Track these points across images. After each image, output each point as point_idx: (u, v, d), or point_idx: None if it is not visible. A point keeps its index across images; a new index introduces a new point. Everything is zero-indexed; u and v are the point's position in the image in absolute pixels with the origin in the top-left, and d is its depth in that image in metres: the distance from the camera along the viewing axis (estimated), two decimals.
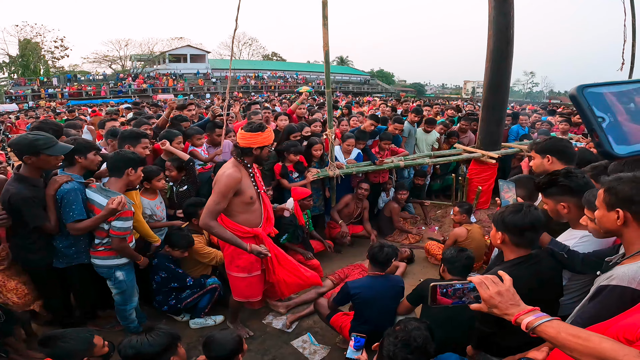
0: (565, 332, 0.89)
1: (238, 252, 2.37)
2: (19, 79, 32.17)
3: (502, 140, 5.06)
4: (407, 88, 54.11)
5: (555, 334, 0.90)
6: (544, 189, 1.83)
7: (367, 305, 2.37)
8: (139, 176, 2.48)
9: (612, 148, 0.39)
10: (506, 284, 1.04)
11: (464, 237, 3.74)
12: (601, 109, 0.42)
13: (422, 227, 4.92)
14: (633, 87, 0.45)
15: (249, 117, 4.73)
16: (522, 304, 1.01)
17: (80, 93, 28.29)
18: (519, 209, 1.60)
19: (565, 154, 2.22)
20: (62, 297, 2.65)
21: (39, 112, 15.62)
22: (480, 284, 1.05)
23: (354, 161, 4.41)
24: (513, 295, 1.02)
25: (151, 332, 1.65)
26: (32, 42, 35.26)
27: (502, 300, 1.01)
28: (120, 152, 2.52)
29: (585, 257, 1.65)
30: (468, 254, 2.35)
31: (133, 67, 38.04)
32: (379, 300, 2.38)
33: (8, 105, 21.41)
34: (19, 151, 2.15)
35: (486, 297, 1.03)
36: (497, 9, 4.46)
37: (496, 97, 4.76)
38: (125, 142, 2.89)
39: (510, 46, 4.57)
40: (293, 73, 40.35)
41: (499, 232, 1.66)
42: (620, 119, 0.42)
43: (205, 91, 31.01)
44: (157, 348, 1.59)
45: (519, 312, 0.98)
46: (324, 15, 3.51)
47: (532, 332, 0.95)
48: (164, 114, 4.16)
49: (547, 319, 0.94)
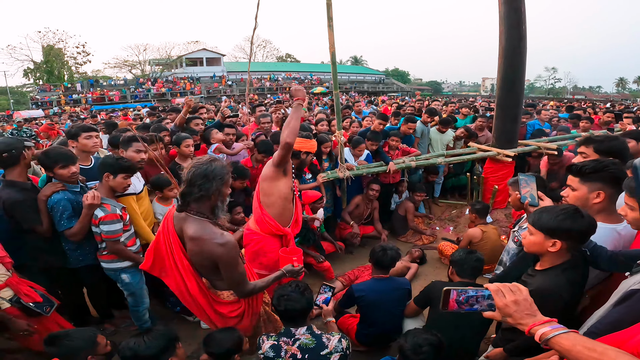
0: (582, 344, 0.85)
1: (265, 251, 2.39)
2: (44, 85, 33.59)
3: (518, 137, 4.91)
4: (423, 86, 53.40)
5: (570, 347, 0.86)
6: (585, 174, 1.74)
7: (372, 308, 2.36)
8: (121, 183, 2.39)
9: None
10: (523, 293, 1.01)
11: (479, 238, 3.65)
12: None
13: (436, 228, 4.82)
14: None
15: (257, 120, 4.75)
16: (538, 315, 0.97)
17: (102, 98, 29.28)
18: (571, 214, 1.46)
19: (623, 156, 2.06)
20: (78, 297, 2.74)
21: (64, 117, 16.22)
22: (497, 292, 1.01)
23: (364, 162, 4.37)
24: (530, 305, 0.99)
25: (149, 333, 1.68)
26: (55, 48, 36.74)
27: (517, 310, 0.97)
28: (104, 157, 2.51)
29: (613, 255, 1.57)
30: (477, 256, 2.28)
31: (152, 72, 39.11)
32: (384, 302, 2.36)
33: (34, 111, 22.43)
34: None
35: (501, 305, 0.99)
36: (508, 4, 4.33)
37: (510, 94, 4.62)
38: (119, 147, 2.89)
39: (523, 42, 4.42)
40: (307, 74, 40.54)
41: (552, 239, 1.48)
42: None
43: (221, 94, 31.50)
44: (154, 350, 1.62)
45: (534, 322, 0.95)
46: (329, 16, 3.48)
47: (545, 344, 0.91)
48: (181, 112, 4.25)
49: (564, 331, 0.90)
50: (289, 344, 1.77)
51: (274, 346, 1.76)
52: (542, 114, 6.29)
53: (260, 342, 1.82)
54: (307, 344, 1.76)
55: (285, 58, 54.79)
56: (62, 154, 2.28)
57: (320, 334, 1.82)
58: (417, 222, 4.74)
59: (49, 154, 2.26)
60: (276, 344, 1.76)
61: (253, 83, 34.17)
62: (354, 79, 42.72)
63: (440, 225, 4.92)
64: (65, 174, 2.27)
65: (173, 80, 34.20)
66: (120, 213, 2.37)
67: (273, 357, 1.74)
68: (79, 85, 32.35)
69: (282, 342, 1.78)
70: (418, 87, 49.69)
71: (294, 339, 1.78)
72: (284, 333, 1.83)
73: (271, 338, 1.81)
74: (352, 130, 5.10)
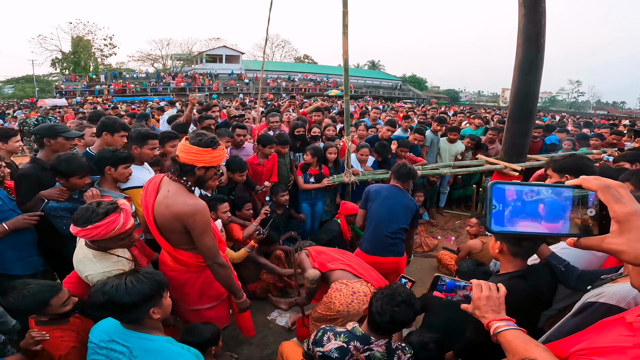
0: (520, 339, 0.92)
1: (208, 283, 2.09)
2: (70, 74, 34.70)
3: (527, 152, 4.89)
4: (440, 94, 52.85)
5: (511, 339, 0.93)
6: None
7: (379, 205, 2.76)
8: (123, 173, 2.39)
9: (490, 225, 0.51)
10: (500, 293, 1.09)
11: (479, 250, 3.66)
12: (497, 200, 0.54)
13: (437, 237, 4.84)
14: (527, 189, 0.55)
15: (266, 118, 4.83)
16: (502, 314, 1.05)
17: (124, 90, 30.09)
18: None
19: (585, 173, 2.13)
20: None
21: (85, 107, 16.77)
22: (477, 286, 1.10)
23: (370, 168, 4.44)
24: (499, 305, 1.06)
25: (133, 275, 1.37)
26: (83, 39, 37.92)
27: (486, 304, 1.05)
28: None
29: (582, 273, 1.64)
30: (485, 269, 2.33)
31: (173, 66, 39.93)
32: (393, 205, 2.80)
33: (58, 99, 23.20)
34: (40, 135, 2.51)
35: (475, 297, 1.08)
36: (528, 17, 4.32)
37: (523, 108, 4.60)
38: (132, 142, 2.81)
39: (541, 55, 4.41)
40: (324, 76, 40.67)
41: (498, 242, 1.66)
42: (507, 210, 0.54)
43: (238, 91, 31.98)
44: (134, 297, 1.31)
45: (494, 318, 1.02)
46: (344, 24, 3.59)
47: (495, 337, 0.99)
48: (186, 110, 4.37)
49: (514, 328, 0.97)
50: (360, 350, 1.61)
51: (342, 349, 1.60)
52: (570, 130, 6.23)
53: (321, 336, 1.66)
54: (377, 357, 1.61)
55: (303, 59, 55.14)
56: (83, 165, 2.30)
57: (395, 349, 1.66)
58: (419, 230, 4.77)
59: (71, 164, 2.25)
60: (345, 347, 1.61)
61: (269, 82, 34.55)
62: (370, 83, 42.65)
63: (442, 234, 4.94)
64: (80, 183, 2.30)
65: (192, 76, 34.86)
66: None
67: (334, 359, 1.59)
68: (102, 76, 33.33)
69: (352, 347, 1.61)
70: (435, 95, 49.28)
71: (367, 347, 1.62)
72: (359, 337, 1.64)
73: (340, 338, 1.63)
74: (359, 134, 5.16)
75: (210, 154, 1.78)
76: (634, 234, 0.53)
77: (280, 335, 2.88)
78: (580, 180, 0.60)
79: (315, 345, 1.65)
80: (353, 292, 2.17)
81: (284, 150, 4.07)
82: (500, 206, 0.63)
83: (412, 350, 1.72)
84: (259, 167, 3.84)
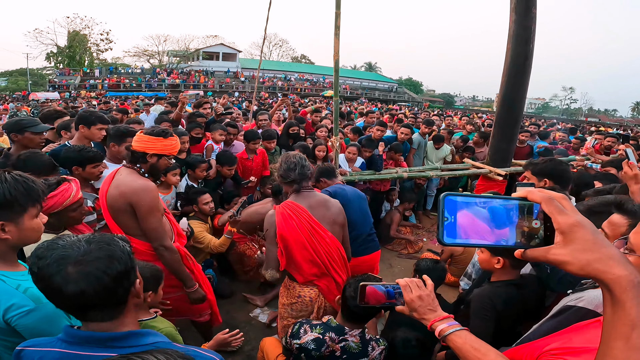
0: (470, 344, 0.90)
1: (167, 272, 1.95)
2: (64, 68, 34.34)
3: (512, 157, 4.99)
4: (435, 98, 53.27)
5: (461, 344, 0.91)
6: None
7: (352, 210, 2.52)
8: (92, 172, 2.31)
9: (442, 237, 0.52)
10: (428, 289, 1.06)
11: (460, 252, 3.74)
12: (449, 212, 0.55)
13: (423, 239, 4.92)
14: (477, 200, 0.56)
15: (255, 117, 4.91)
16: (439, 310, 1.02)
17: (118, 85, 29.86)
18: None
19: (563, 178, 2.19)
20: None
21: (78, 101, 16.62)
22: (405, 287, 1.06)
23: (358, 169, 4.49)
24: (432, 301, 1.03)
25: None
26: (80, 34, 37.57)
27: (421, 305, 1.02)
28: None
29: (563, 276, 1.63)
30: (442, 265, 2.39)
31: (169, 63, 39.72)
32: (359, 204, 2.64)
33: (50, 93, 22.95)
34: (7, 130, 2.48)
35: (408, 300, 1.04)
36: (518, 22, 4.34)
37: (510, 114, 4.68)
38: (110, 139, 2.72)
39: (528, 62, 4.48)
40: (320, 76, 40.76)
41: (496, 257, 1.64)
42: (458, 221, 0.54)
43: (233, 89, 31.90)
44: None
45: (435, 318, 0.99)
46: (336, 25, 3.62)
47: (442, 340, 0.97)
48: (177, 108, 4.41)
49: (458, 329, 0.95)
50: (335, 341, 1.64)
51: (318, 340, 1.63)
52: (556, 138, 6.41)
53: (298, 329, 1.70)
54: (352, 347, 1.64)
55: (300, 59, 55.20)
56: (43, 164, 2.09)
57: (368, 340, 1.69)
58: (405, 232, 4.84)
59: (28, 163, 2.03)
60: (320, 339, 1.64)
61: (265, 82, 34.52)
62: (366, 85, 42.83)
63: (428, 237, 5.01)
64: (96, 172, 2.31)
65: (188, 72, 34.71)
66: (93, 205, 2.21)
67: (311, 350, 1.62)
68: (97, 71, 33.04)
69: (328, 338, 1.65)
70: (429, 98, 49.67)
71: (342, 338, 1.65)
72: (334, 328, 1.68)
73: (315, 330, 1.66)
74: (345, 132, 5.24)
75: (162, 142, 1.90)
76: (578, 244, 0.54)
77: (263, 331, 2.91)
78: (525, 193, 0.61)
79: (292, 338, 1.68)
80: (299, 296, 2.17)
81: (270, 146, 4.16)
82: (452, 218, 0.62)
83: (385, 343, 1.74)
84: (248, 162, 3.94)
